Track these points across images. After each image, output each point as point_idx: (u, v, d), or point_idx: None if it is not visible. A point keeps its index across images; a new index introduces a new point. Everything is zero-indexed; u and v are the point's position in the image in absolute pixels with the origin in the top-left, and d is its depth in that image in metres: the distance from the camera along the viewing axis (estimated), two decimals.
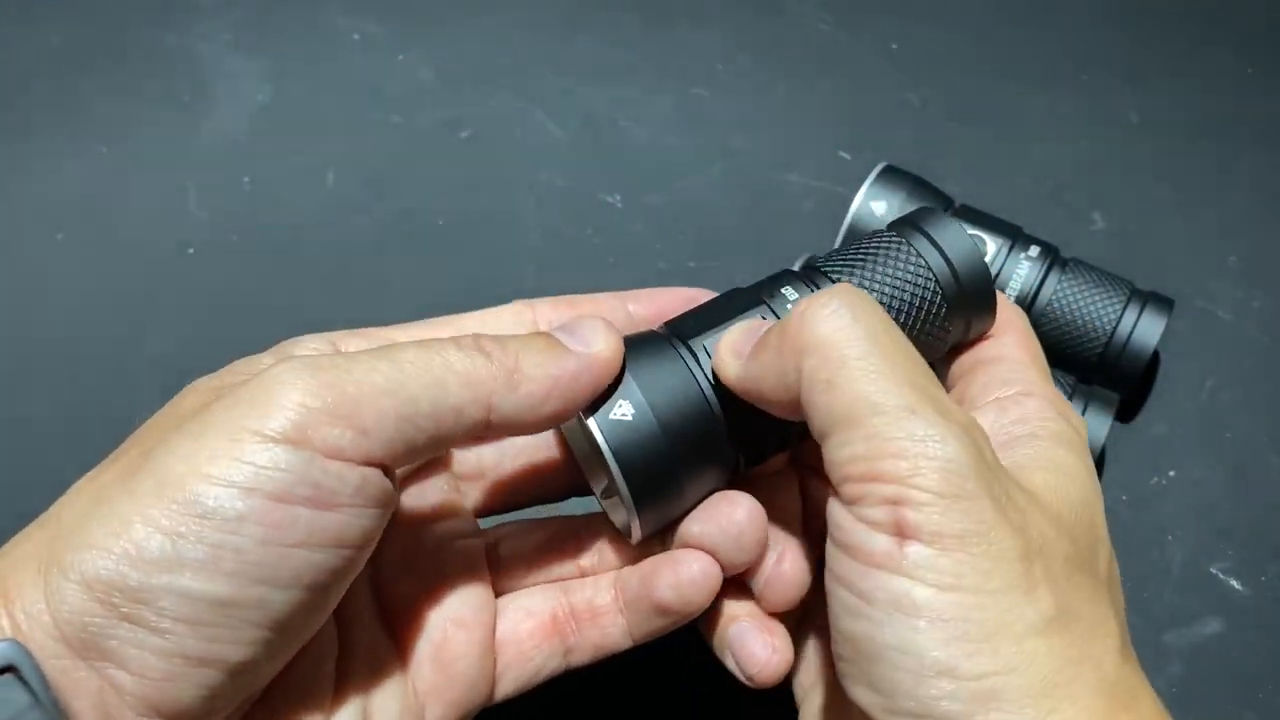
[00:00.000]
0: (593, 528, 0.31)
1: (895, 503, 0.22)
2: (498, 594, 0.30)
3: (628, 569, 0.30)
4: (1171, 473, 0.41)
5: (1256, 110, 0.53)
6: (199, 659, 0.22)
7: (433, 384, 0.24)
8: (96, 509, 0.22)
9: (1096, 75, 0.55)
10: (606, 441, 0.26)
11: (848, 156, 0.51)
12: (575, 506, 0.33)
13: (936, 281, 0.28)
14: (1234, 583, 0.38)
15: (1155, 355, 0.42)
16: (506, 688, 0.29)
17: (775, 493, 0.29)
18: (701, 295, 0.31)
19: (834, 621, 0.23)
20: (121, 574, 0.21)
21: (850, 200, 0.41)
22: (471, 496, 0.31)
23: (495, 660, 0.29)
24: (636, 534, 0.28)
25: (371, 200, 0.49)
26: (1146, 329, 0.39)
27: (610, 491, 0.30)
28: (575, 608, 0.30)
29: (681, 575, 0.28)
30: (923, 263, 0.29)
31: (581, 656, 0.29)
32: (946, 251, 0.29)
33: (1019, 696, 0.21)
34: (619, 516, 0.30)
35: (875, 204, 0.40)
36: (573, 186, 0.50)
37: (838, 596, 0.23)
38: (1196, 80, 0.55)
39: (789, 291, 0.28)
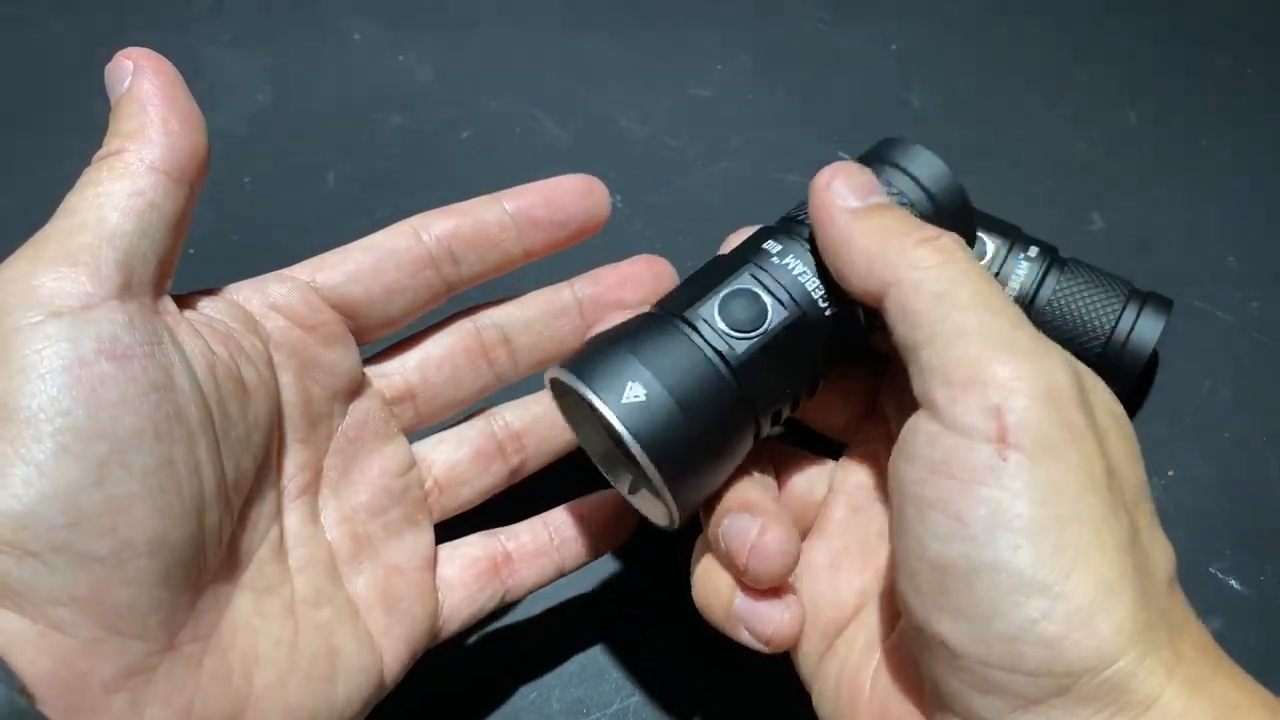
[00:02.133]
0: (518, 429, 0.34)
1: (999, 408, 0.22)
2: (440, 516, 0.33)
3: (557, 512, 0.34)
4: (1171, 473, 0.41)
5: (1256, 110, 0.53)
6: (112, 555, 0.22)
7: (101, 197, 0.26)
8: None
9: (1096, 75, 0.55)
10: (625, 426, 0.25)
11: (848, 157, 0.51)
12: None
13: (916, 212, 0.28)
14: (1234, 582, 0.38)
15: (1154, 355, 0.42)
16: (451, 626, 0.31)
17: (749, 460, 0.29)
18: (584, 182, 0.33)
19: (916, 552, 0.23)
20: None
21: None
22: (405, 418, 0.33)
23: (437, 601, 0.31)
24: (676, 519, 0.27)
25: (371, 200, 0.49)
26: (1145, 329, 0.39)
27: (637, 485, 0.30)
28: (511, 553, 0.33)
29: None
30: (900, 194, 0.28)
31: (518, 594, 0.33)
32: (921, 180, 0.28)
33: (1115, 619, 0.21)
34: (653, 509, 0.29)
35: None
36: None
37: (928, 521, 0.22)
38: (1196, 80, 0.55)
39: (771, 245, 0.28)
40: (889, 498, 0.27)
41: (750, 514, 0.26)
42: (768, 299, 0.27)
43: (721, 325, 0.27)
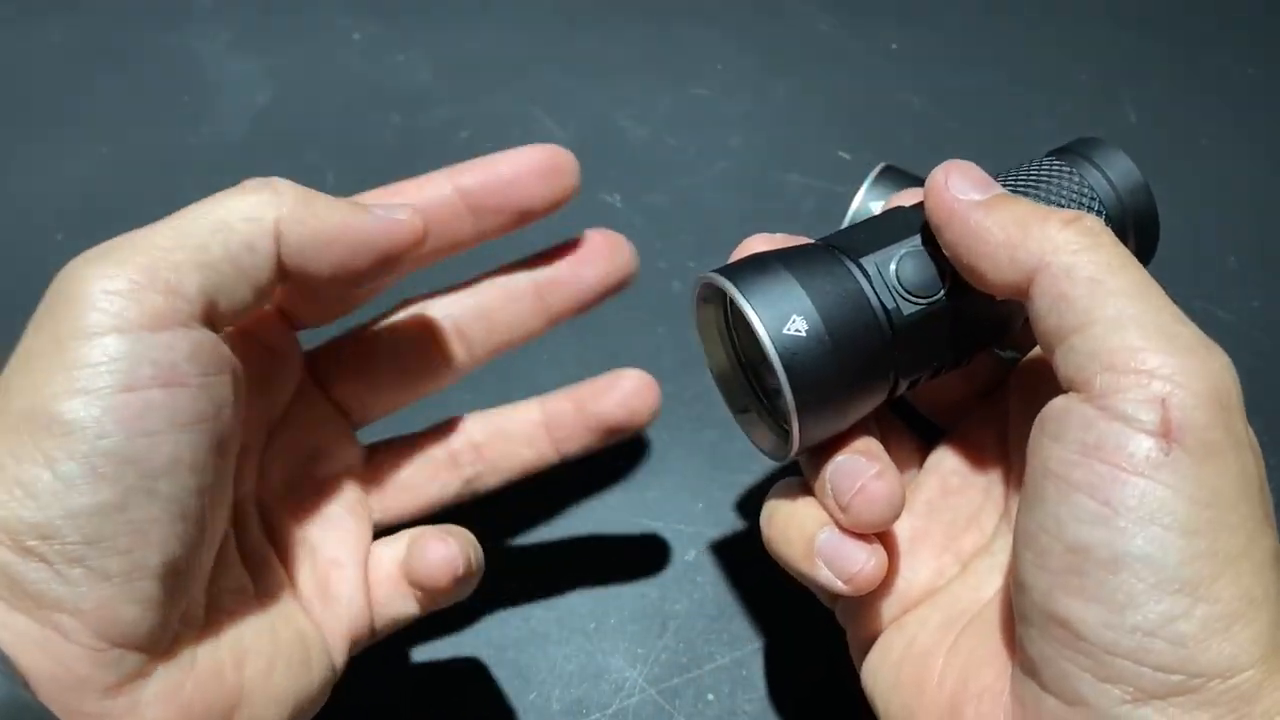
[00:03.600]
0: (478, 440, 0.33)
1: (1164, 401, 0.21)
2: (380, 517, 0.32)
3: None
4: None
5: (1256, 110, 0.53)
6: (122, 575, 0.22)
7: (217, 225, 0.24)
8: None
9: (1096, 75, 0.55)
10: (781, 359, 0.25)
11: (848, 156, 0.51)
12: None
13: (1104, 208, 0.28)
14: None
15: None
16: (383, 625, 0.30)
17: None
18: (547, 156, 0.32)
19: (1052, 531, 0.22)
20: (15, 515, 0.21)
21: (850, 200, 0.41)
22: (353, 415, 0.33)
23: (370, 598, 0.30)
24: (791, 452, 0.27)
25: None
26: None
27: (748, 406, 0.30)
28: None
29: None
30: (1091, 191, 0.28)
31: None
32: (1115, 182, 0.28)
33: (1254, 630, 0.21)
34: (762, 434, 0.29)
35: (875, 204, 0.40)
36: None
37: (1071, 502, 0.22)
38: (1196, 80, 0.55)
39: None
40: (1014, 476, 0.27)
41: (865, 458, 0.26)
42: (946, 266, 0.26)
43: (895, 281, 0.26)
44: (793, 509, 0.28)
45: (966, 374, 0.30)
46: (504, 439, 0.33)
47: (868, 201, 0.41)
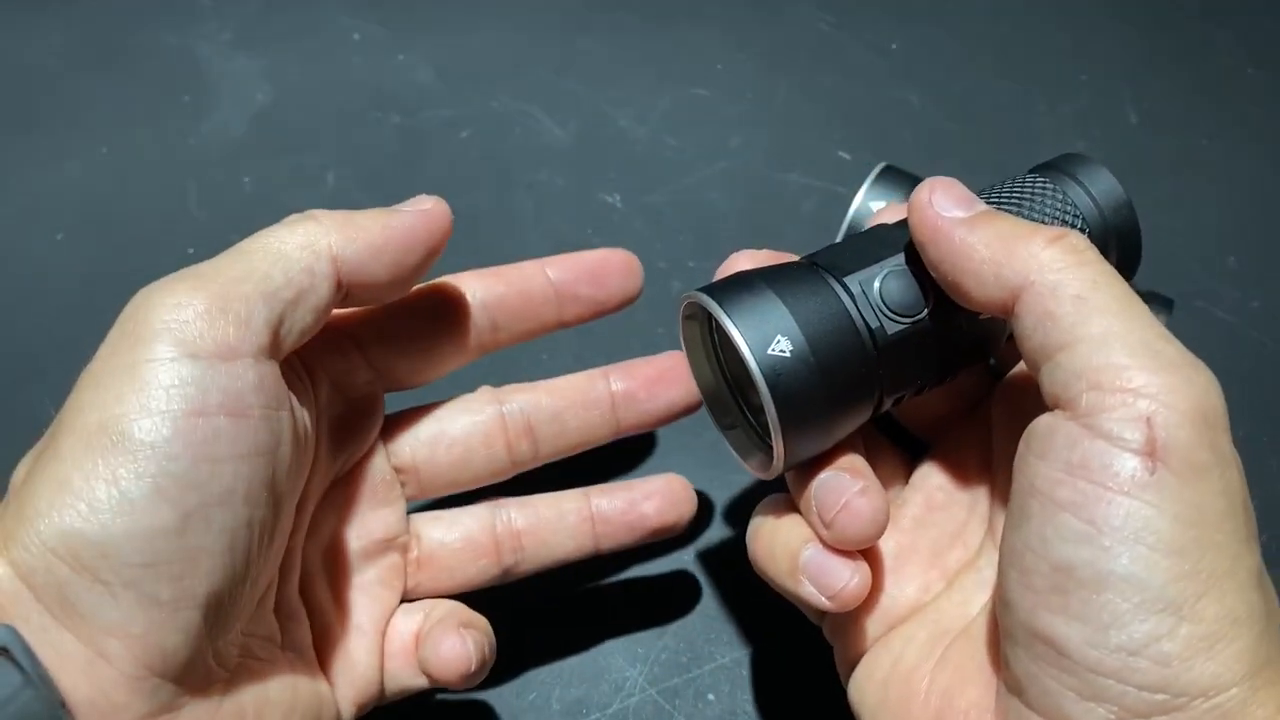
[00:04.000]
0: (519, 527, 0.33)
1: (1150, 420, 0.21)
2: (413, 591, 0.32)
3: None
4: None
5: (1256, 110, 0.53)
6: (171, 602, 0.22)
7: (276, 256, 0.26)
8: (34, 481, 0.23)
9: (1096, 75, 0.55)
10: (765, 379, 0.25)
11: (848, 156, 0.51)
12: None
13: (1087, 225, 0.28)
14: None
15: None
16: (392, 693, 0.31)
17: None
18: (626, 260, 0.33)
19: (1037, 549, 0.22)
20: (78, 530, 0.22)
21: (850, 200, 0.41)
22: (408, 488, 0.33)
23: (383, 667, 0.30)
24: (777, 469, 0.27)
25: (371, 200, 0.49)
26: None
27: (735, 423, 0.30)
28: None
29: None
30: (1073, 207, 0.28)
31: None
32: (1098, 198, 0.28)
33: (1236, 648, 0.21)
34: (748, 451, 0.29)
35: (875, 204, 0.40)
36: (573, 186, 0.50)
37: (1056, 522, 0.22)
38: (1196, 80, 0.55)
39: None
40: (999, 492, 0.27)
41: (850, 475, 0.26)
42: (930, 284, 0.26)
43: (879, 300, 0.26)
44: (777, 525, 0.28)
45: (951, 389, 0.30)
46: (550, 530, 0.33)
47: (868, 201, 0.41)
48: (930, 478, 0.30)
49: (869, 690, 0.27)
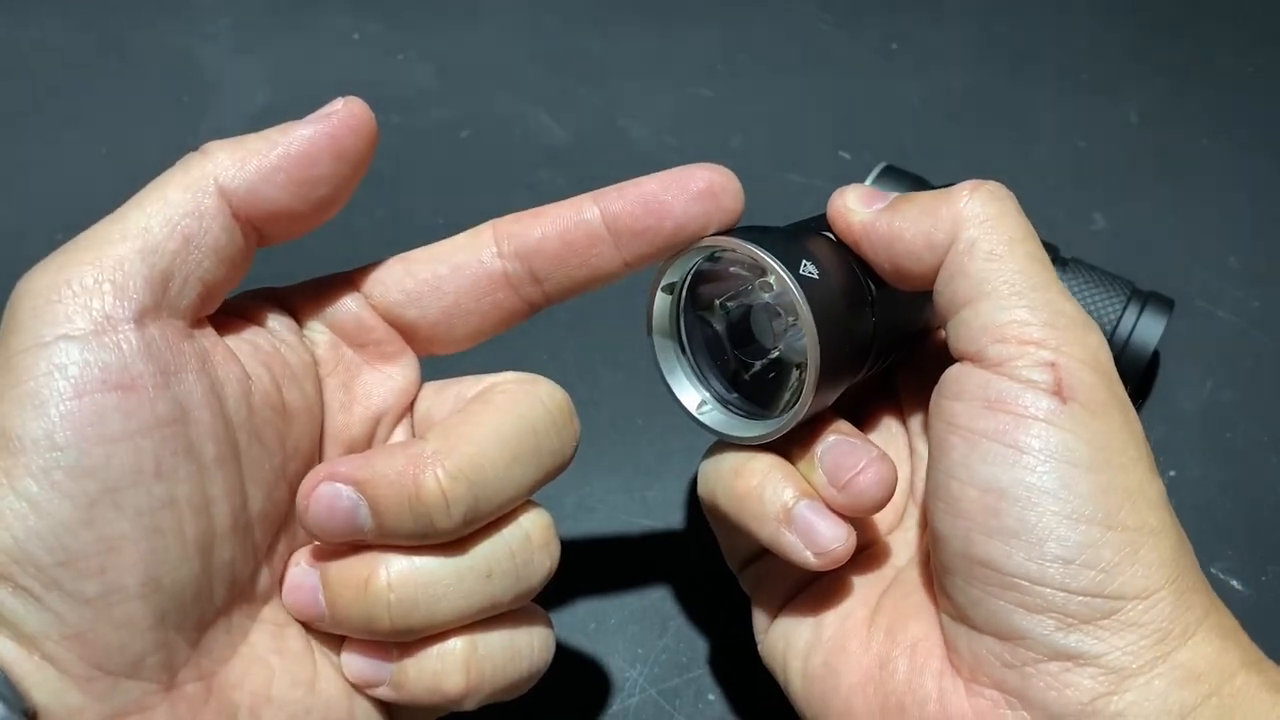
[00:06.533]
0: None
1: (1054, 364, 0.23)
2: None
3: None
4: (1172, 473, 0.41)
5: (1257, 110, 0.53)
6: (101, 596, 0.21)
7: (158, 205, 0.24)
8: None
9: (1096, 75, 0.55)
10: (803, 294, 0.24)
11: (848, 156, 0.51)
12: None
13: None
14: (1234, 583, 0.38)
15: (1155, 355, 0.42)
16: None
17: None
18: (705, 177, 0.28)
19: (963, 478, 0.24)
20: None
21: None
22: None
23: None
24: (805, 406, 0.26)
25: (371, 200, 0.49)
26: (1147, 329, 0.39)
27: (705, 400, 0.29)
28: None
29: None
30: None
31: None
32: None
33: (1158, 554, 0.22)
34: (735, 425, 0.28)
35: None
36: (573, 186, 0.50)
37: (980, 449, 0.23)
38: (1196, 80, 0.55)
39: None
40: (916, 455, 0.29)
41: (862, 441, 0.27)
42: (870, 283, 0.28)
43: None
44: (768, 470, 0.27)
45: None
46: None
47: None
48: None
49: (798, 634, 0.28)
